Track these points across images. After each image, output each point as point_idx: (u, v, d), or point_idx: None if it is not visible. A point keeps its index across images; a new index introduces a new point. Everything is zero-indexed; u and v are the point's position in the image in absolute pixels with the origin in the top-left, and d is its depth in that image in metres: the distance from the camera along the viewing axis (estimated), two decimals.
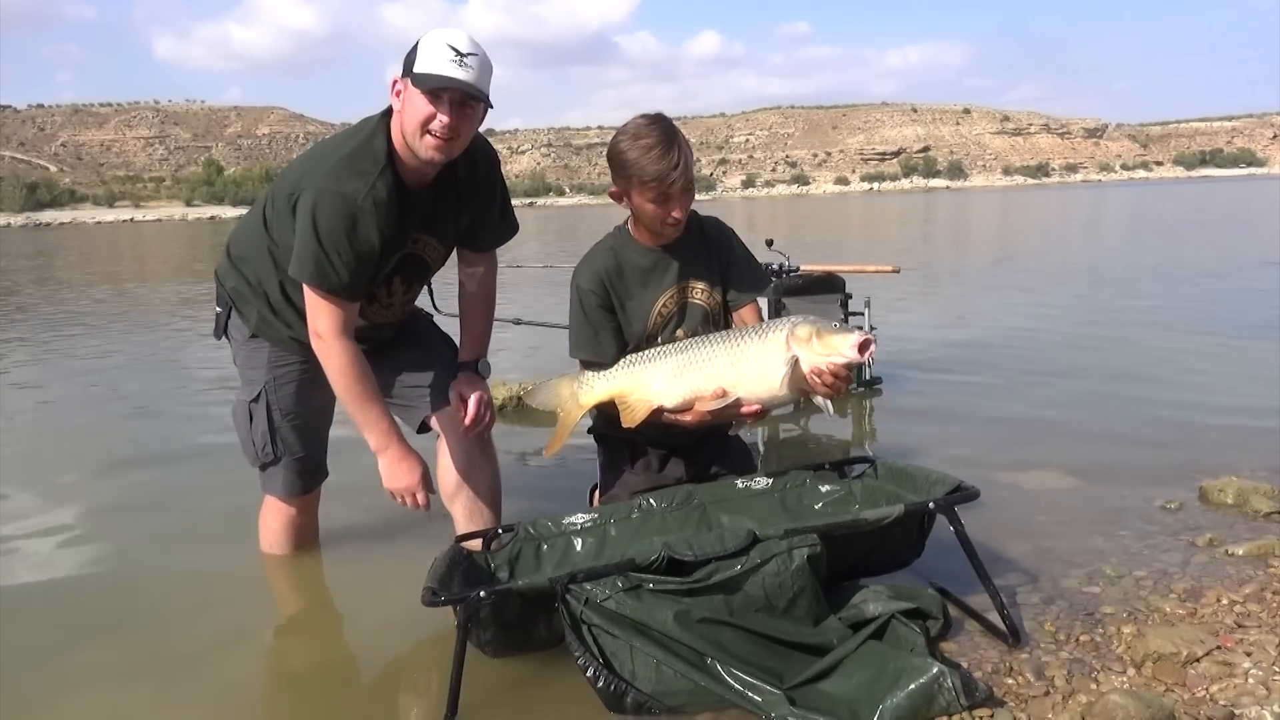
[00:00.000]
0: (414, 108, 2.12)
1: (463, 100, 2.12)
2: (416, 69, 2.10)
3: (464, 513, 2.47)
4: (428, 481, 2.34)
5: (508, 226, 2.55)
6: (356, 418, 2.29)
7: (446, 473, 2.46)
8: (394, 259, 2.35)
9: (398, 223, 2.24)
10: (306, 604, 2.55)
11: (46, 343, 7.84)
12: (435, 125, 2.11)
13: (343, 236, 2.14)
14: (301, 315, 2.32)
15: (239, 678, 2.14)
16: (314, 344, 2.26)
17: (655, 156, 2.23)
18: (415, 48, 2.13)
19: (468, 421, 2.39)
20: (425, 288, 2.62)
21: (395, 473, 2.30)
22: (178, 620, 2.41)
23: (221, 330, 2.56)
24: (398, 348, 2.56)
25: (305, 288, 2.21)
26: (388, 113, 2.23)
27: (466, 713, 1.81)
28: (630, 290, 2.45)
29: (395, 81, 2.18)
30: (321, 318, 2.21)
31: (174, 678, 2.11)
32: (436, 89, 2.09)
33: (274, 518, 2.64)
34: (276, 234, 2.31)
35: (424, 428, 2.53)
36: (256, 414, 2.48)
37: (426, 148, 2.15)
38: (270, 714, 2.05)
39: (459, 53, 2.10)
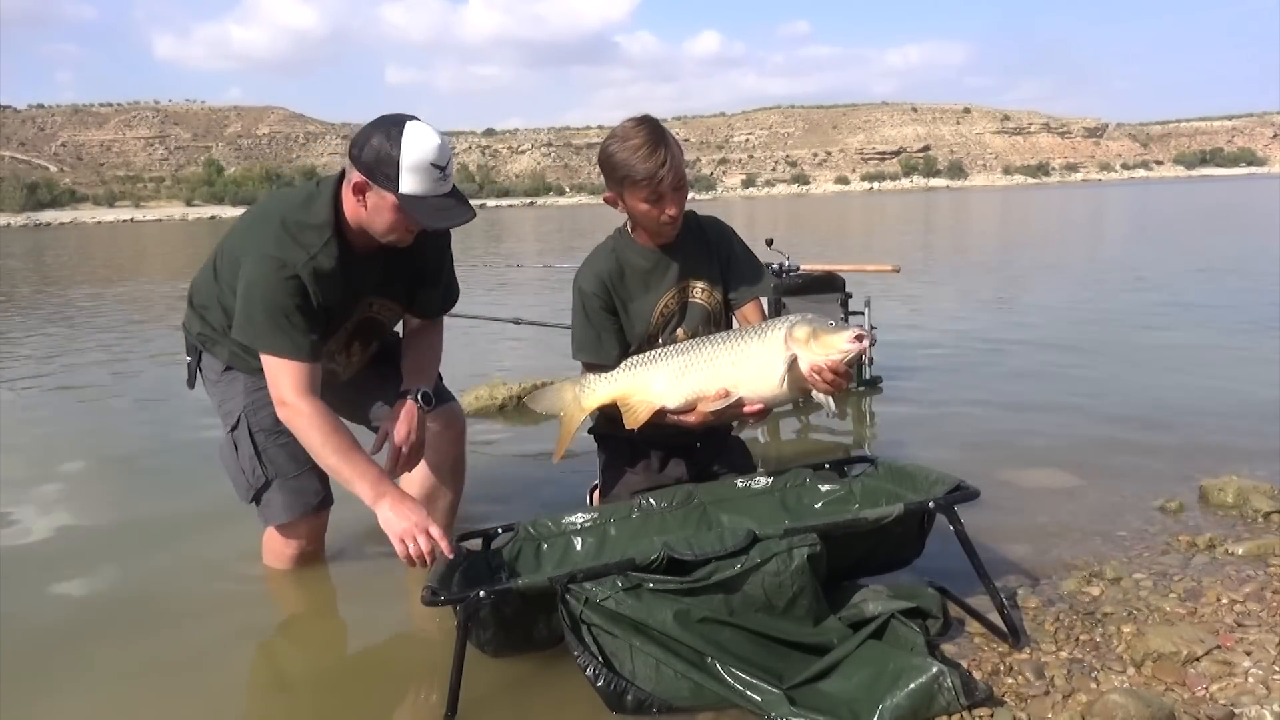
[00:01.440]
0: (392, 219, 2.14)
1: None
2: (404, 189, 2.08)
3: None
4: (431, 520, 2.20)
5: (451, 295, 2.57)
6: (342, 473, 2.16)
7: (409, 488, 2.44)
8: (351, 324, 2.37)
9: (345, 289, 2.25)
10: (306, 604, 2.55)
11: (48, 341, 7.84)
12: (412, 227, 2.18)
13: (288, 301, 2.14)
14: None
15: (238, 678, 2.14)
16: (280, 412, 2.21)
17: (643, 155, 2.25)
18: (393, 159, 2.07)
19: (392, 470, 2.30)
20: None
21: (396, 516, 2.08)
22: (177, 621, 2.41)
23: (193, 376, 2.56)
24: (366, 369, 2.57)
25: (266, 361, 2.19)
26: (339, 181, 2.22)
27: (466, 712, 1.81)
28: (632, 292, 2.45)
29: (358, 182, 2.13)
30: (284, 381, 2.17)
31: (173, 678, 2.11)
32: (436, 227, 2.16)
33: (280, 547, 2.55)
34: (226, 286, 2.31)
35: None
36: (240, 441, 2.43)
37: (398, 241, 2.21)
38: (269, 713, 2.05)
39: (441, 169, 2.11)
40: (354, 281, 2.27)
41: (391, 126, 2.10)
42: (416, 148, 2.08)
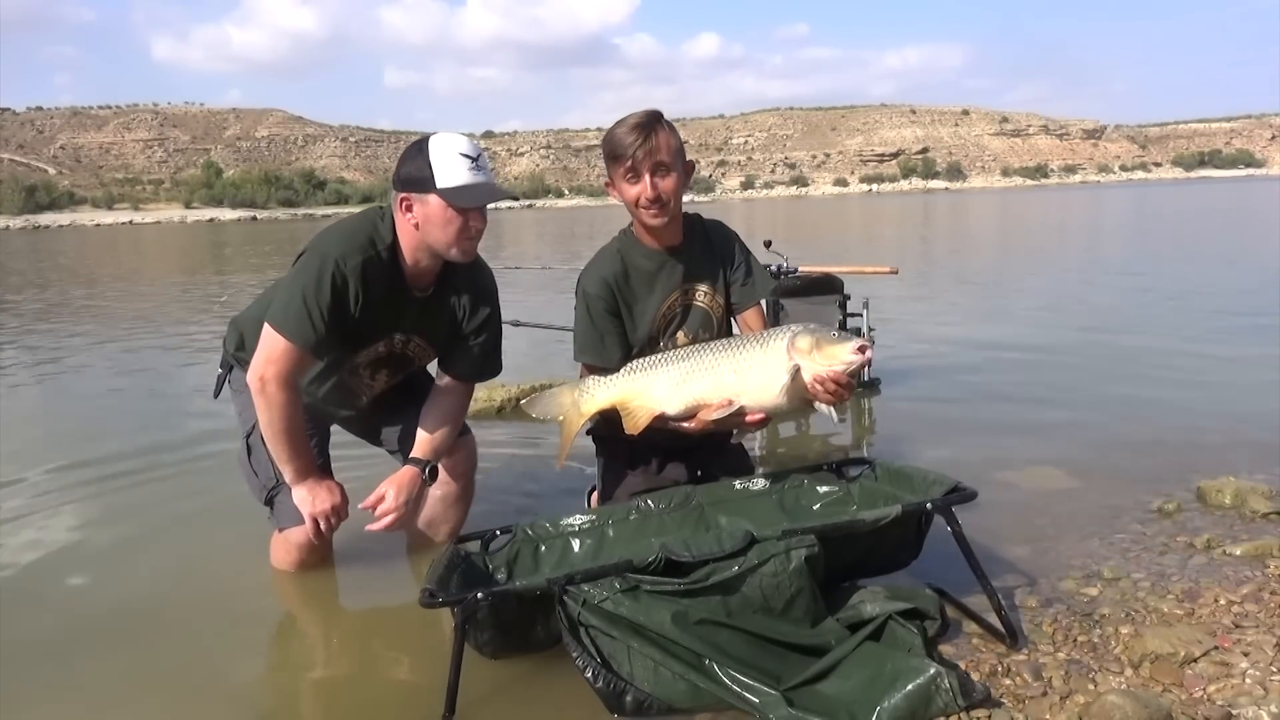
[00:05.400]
0: (444, 220, 2.20)
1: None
2: (442, 184, 2.17)
3: (416, 538, 2.68)
4: (344, 507, 2.43)
5: (489, 366, 2.55)
6: (280, 453, 2.33)
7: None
8: (384, 353, 2.43)
9: (384, 306, 2.30)
10: (305, 605, 2.55)
11: (48, 342, 7.83)
12: (471, 230, 2.24)
13: (327, 291, 2.19)
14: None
15: (237, 678, 2.14)
16: (252, 383, 2.26)
17: (625, 131, 2.30)
18: (425, 163, 2.18)
19: (371, 526, 2.38)
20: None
21: (314, 497, 2.38)
22: (176, 622, 2.41)
23: (220, 387, 2.65)
24: (389, 394, 2.63)
25: (268, 333, 2.23)
26: (389, 216, 2.30)
27: (465, 713, 1.81)
28: (636, 294, 2.45)
29: (402, 198, 2.23)
30: (273, 365, 2.23)
31: (173, 678, 2.11)
32: (483, 204, 2.23)
33: (285, 551, 2.54)
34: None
35: None
36: (254, 445, 2.49)
37: (463, 252, 2.27)
38: (267, 713, 2.05)
39: (473, 159, 2.20)
40: (395, 304, 2.33)
41: (419, 143, 2.25)
42: (443, 146, 2.21)
